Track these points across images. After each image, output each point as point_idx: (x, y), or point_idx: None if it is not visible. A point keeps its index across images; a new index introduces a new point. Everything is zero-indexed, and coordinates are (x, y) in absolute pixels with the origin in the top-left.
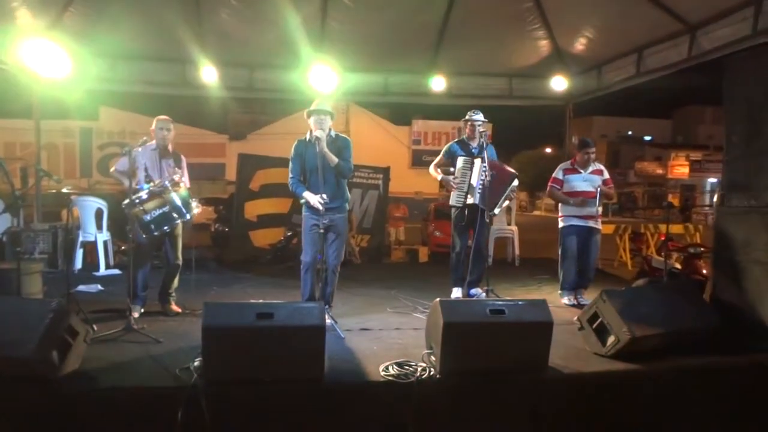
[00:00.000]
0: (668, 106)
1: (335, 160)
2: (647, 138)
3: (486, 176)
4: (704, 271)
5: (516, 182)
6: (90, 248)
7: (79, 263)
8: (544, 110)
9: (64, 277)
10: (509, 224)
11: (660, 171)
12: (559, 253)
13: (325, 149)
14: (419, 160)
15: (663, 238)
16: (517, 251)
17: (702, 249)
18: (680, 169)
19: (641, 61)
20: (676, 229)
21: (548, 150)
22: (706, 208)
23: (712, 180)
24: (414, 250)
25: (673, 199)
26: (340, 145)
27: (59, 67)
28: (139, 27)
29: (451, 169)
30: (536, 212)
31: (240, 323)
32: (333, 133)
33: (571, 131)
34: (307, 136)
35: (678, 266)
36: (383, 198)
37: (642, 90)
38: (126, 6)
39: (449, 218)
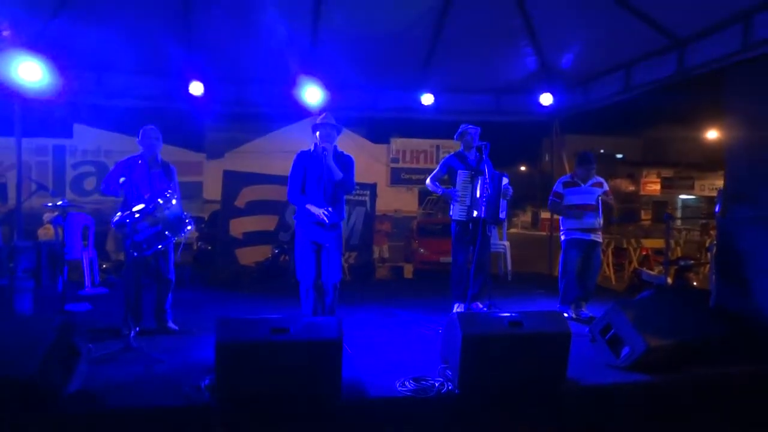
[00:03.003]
0: (638, 125)
1: (340, 174)
2: (619, 156)
3: (488, 189)
4: (695, 284)
5: (505, 180)
6: (73, 266)
7: (61, 284)
8: (520, 129)
9: (50, 296)
10: (501, 239)
11: (632, 188)
12: (560, 266)
13: (331, 163)
14: (398, 178)
15: (645, 253)
16: (509, 266)
17: (692, 261)
18: (652, 186)
19: (629, 76)
20: (657, 243)
21: (522, 168)
22: None
23: (683, 197)
24: (399, 267)
25: (646, 219)
26: (344, 162)
27: (43, 80)
28: (125, 41)
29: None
30: (513, 229)
31: (254, 338)
32: (338, 150)
33: (556, 146)
34: (311, 148)
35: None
36: (370, 215)
37: (614, 109)
38: (112, 20)
39: (432, 235)
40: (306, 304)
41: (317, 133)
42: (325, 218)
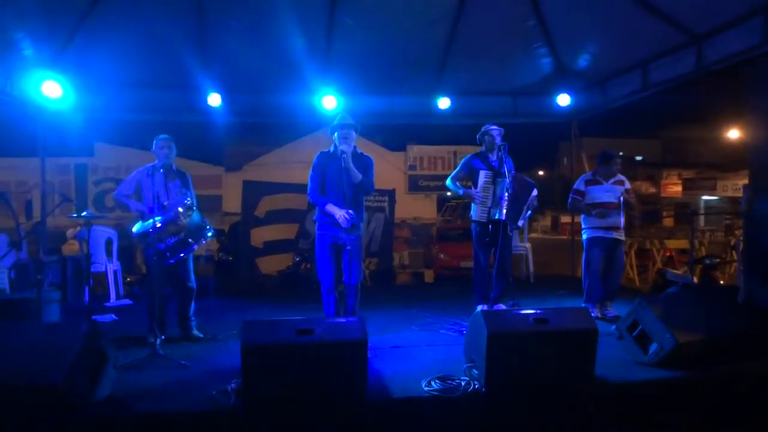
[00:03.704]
0: (657, 127)
1: (359, 176)
2: (638, 158)
3: (509, 190)
4: (721, 282)
5: (535, 192)
6: (97, 279)
7: (87, 296)
8: (538, 132)
9: (77, 309)
10: (522, 241)
11: (653, 190)
12: (583, 265)
13: (351, 164)
14: (416, 185)
15: (668, 253)
16: (531, 268)
17: (718, 260)
18: (673, 187)
19: (646, 74)
20: (681, 244)
21: (541, 172)
22: None
23: (706, 197)
24: (419, 273)
25: (668, 218)
26: (364, 164)
27: (63, 98)
28: (143, 55)
29: (470, 184)
30: (533, 234)
31: (280, 340)
32: (358, 151)
33: (575, 148)
34: (331, 149)
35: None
36: (389, 221)
37: (632, 110)
38: (130, 35)
39: (452, 240)
40: (328, 305)
41: (335, 135)
42: (345, 220)
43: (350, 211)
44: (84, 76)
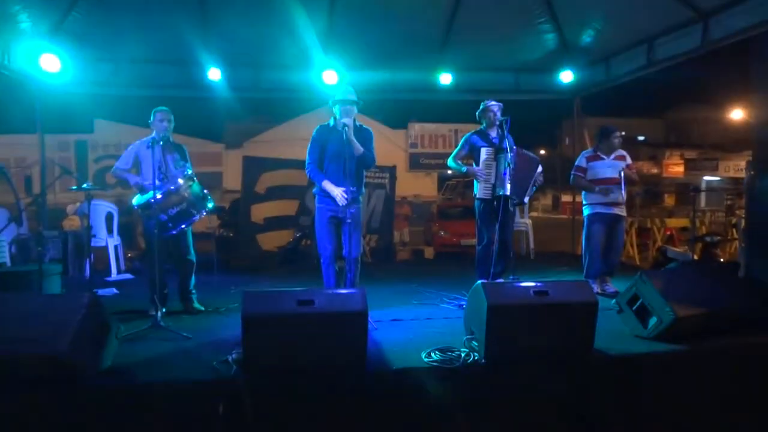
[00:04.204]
0: (660, 107)
1: (361, 149)
2: (640, 138)
3: (511, 165)
4: (721, 260)
5: (540, 168)
6: (98, 254)
7: (87, 269)
8: (540, 110)
9: (78, 283)
10: (522, 217)
11: (655, 170)
12: (583, 240)
13: (352, 137)
14: (417, 163)
15: (669, 232)
16: (532, 244)
17: (719, 238)
18: (675, 167)
19: (652, 51)
20: (682, 222)
21: (542, 151)
22: None
23: (708, 178)
24: (419, 250)
25: (669, 198)
26: (365, 137)
27: (61, 72)
28: (142, 30)
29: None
30: (533, 213)
31: (281, 310)
32: (358, 123)
33: (577, 125)
34: (331, 122)
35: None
36: (390, 198)
37: (635, 88)
38: (129, 9)
39: (452, 218)
40: (328, 278)
41: (336, 108)
42: (342, 199)
43: (349, 188)
44: (82, 51)
